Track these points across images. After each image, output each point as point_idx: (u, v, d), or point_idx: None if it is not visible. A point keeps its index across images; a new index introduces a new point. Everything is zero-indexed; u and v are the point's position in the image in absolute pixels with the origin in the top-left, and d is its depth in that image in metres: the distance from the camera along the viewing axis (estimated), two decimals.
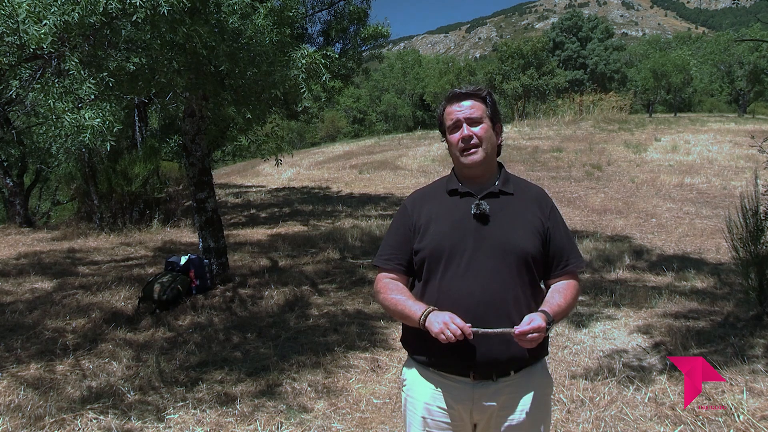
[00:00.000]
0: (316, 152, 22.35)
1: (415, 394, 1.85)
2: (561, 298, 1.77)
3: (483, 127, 1.81)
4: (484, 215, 1.77)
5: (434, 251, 1.78)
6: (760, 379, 3.56)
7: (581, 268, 1.88)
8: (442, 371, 1.79)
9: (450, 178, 1.89)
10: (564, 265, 1.83)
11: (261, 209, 11.85)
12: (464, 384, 1.76)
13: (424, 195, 1.92)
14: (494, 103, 1.86)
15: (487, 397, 1.76)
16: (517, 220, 1.79)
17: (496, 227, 1.77)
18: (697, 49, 36.77)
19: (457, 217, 1.79)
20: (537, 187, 1.93)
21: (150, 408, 3.42)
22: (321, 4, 8.05)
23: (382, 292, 1.85)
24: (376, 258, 1.93)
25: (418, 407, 1.83)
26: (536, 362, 1.81)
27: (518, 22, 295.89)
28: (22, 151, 9.83)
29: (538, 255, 1.78)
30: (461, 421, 1.80)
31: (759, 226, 4.52)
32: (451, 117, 1.82)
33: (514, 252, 1.75)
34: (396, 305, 1.79)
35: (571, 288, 1.81)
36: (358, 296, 5.67)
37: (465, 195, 1.82)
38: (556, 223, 1.84)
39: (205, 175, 6.09)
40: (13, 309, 5.22)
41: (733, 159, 14.05)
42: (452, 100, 1.84)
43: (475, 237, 1.76)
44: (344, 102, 39.38)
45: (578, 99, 25.07)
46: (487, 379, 1.75)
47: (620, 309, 5.08)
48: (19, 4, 2.99)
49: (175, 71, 4.02)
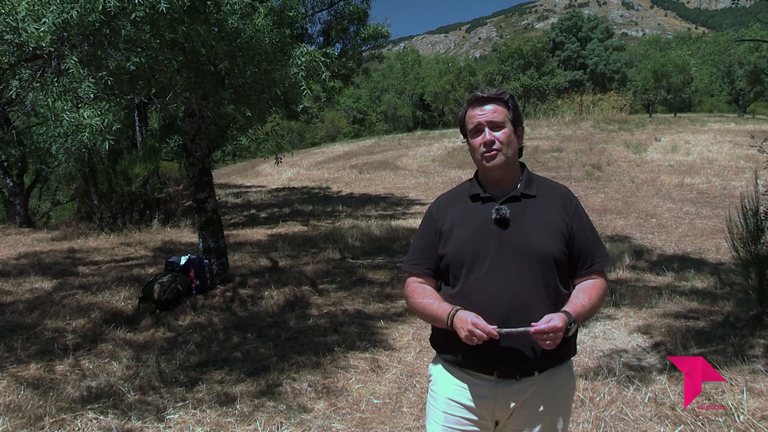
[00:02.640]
0: (316, 152, 22.35)
1: (439, 389, 1.86)
2: (585, 297, 1.77)
3: (505, 132, 1.81)
4: (504, 220, 1.77)
5: (457, 256, 1.80)
6: (760, 379, 3.55)
7: (607, 266, 1.88)
8: (467, 369, 1.80)
9: (473, 183, 1.90)
10: (590, 265, 1.83)
11: (261, 209, 11.85)
12: (488, 382, 1.78)
13: (449, 199, 1.93)
14: (516, 107, 1.86)
15: (510, 395, 1.76)
16: (539, 222, 1.79)
17: (517, 231, 1.77)
18: (697, 49, 36.77)
19: (479, 222, 1.80)
20: (561, 187, 1.92)
21: (150, 408, 3.42)
22: (321, 4, 8.05)
23: (411, 297, 1.88)
24: (405, 263, 1.96)
25: (440, 402, 1.85)
26: (561, 363, 1.81)
27: (518, 22, 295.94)
28: (22, 151, 9.83)
29: (561, 256, 1.78)
30: (482, 418, 1.81)
31: (759, 226, 4.52)
32: (473, 121, 1.82)
33: (535, 254, 1.75)
34: (425, 309, 1.82)
35: (597, 287, 1.81)
36: (358, 296, 5.66)
37: (487, 200, 1.83)
38: (580, 222, 1.84)
39: (205, 175, 6.08)
40: (13, 309, 5.22)
41: (733, 159, 14.04)
42: (474, 103, 1.84)
43: (497, 241, 1.77)
44: (344, 102, 39.41)
45: (578, 99, 25.08)
46: (510, 378, 1.76)
47: (620, 309, 5.07)
48: (19, 2, 2.99)
49: (175, 70, 4.02)
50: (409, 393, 3.65)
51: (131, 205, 9.43)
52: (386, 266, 6.73)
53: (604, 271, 1.87)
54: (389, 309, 5.25)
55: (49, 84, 3.22)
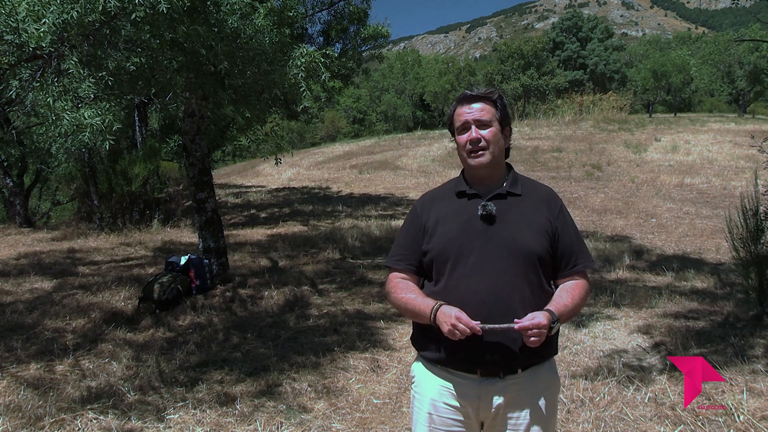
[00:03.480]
0: (316, 152, 22.35)
1: (423, 390, 1.86)
2: (568, 297, 1.78)
3: (492, 131, 1.82)
4: (491, 216, 1.78)
5: (442, 252, 1.80)
6: (760, 379, 3.55)
7: (590, 268, 1.89)
8: (449, 368, 1.80)
9: (459, 180, 1.91)
10: (573, 265, 1.83)
11: (261, 209, 11.85)
12: (471, 380, 1.77)
13: (434, 196, 1.94)
14: (504, 107, 1.88)
15: (494, 394, 1.76)
16: (525, 220, 1.80)
17: (503, 228, 1.78)
18: (697, 49, 36.75)
19: (465, 218, 1.81)
20: (546, 188, 1.94)
21: (150, 408, 3.42)
22: (321, 4, 8.03)
23: (393, 292, 1.88)
24: (388, 258, 1.97)
25: (424, 403, 1.85)
26: (544, 361, 1.82)
27: (518, 22, 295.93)
28: (22, 151, 9.84)
29: (545, 255, 1.79)
30: (467, 417, 1.81)
31: (759, 226, 4.52)
32: (461, 118, 1.84)
33: (520, 252, 1.76)
34: (407, 304, 1.82)
35: (580, 288, 1.82)
36: (358, 296, 5.66)
37: (473, 197, 1.84)
38: (564, 223, 1.85)
39: (205, 175, 6.08)
40: (13, 309, 5.22)
41: (733, 159, 14.05)
42: (463, 101, 1.86)
43: (482, 238, 1.77)
44: (344, 102, 39.41)
45: (578, 99, 25.07)
46: (494, 376, 1.76)
47: (620, 309, 5.08)
48: (19, 2, 2.99)
49: (175, 71, 4.02)
50: (409, 393, 3.64)
51: (131, 205, 9.43)
52: (386, 266, 6.72)
53: (587, 273, 1.87)
54: (389, 309, 5.25)
55: (49, 84, 3.22)
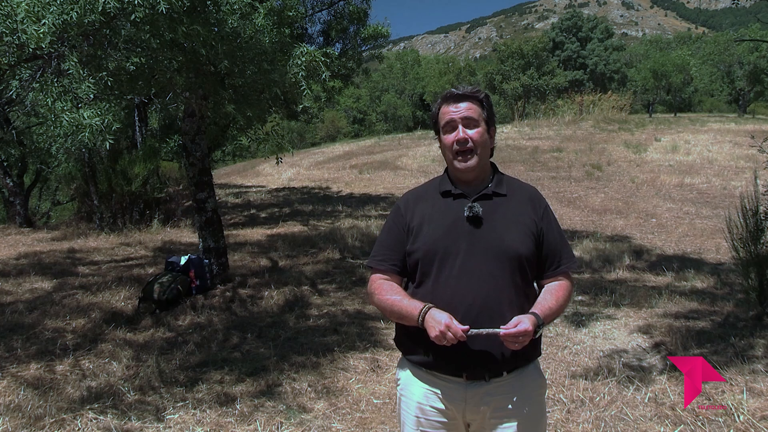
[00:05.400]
0: (316, 152, 22.35)
1: (409, 394, 1.84)
2: (552, 299, 1.77)
3: (479, 131, 1.78)
4: (477, 218, 1.76)
5: (427, 253, 1.77)
6: (760, 379, 3.55)
7: (574, 269, 1.87)
8: (435, 371, 1.78)
9: (443, 179, 1.87)
10: (557, 266, 1.82)
11: (261, 209, 11.85)
12: (457, 384, 1.76)
13: (417, 196, 1.90)
14: (491, 106, 1.84)
15: (480, 397, 1.75)
16: (510, 221, 1.78)
17: (489, 229, 1.76)
18: (697, 49, 36.79)
19: (450, 219, 1.78)
20: (530, 187, 1.91)
21: (150, 408, 3.42)
22: (321, 4, 8.04)
23: (377, 293, 1.83)
24: (370, 259, 1.91)
25: (411, 407, 1.83)
26: (528, 363, 1.81)
27: (518, 22, 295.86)
28: (22, 151, 9.84)
29: (531, 256, 1.77)
30: (454, 421, 1.79)
31: (759, 226, 4.52)
32: (447, 117, 1.79)
33: (507, 254, 1.74)
34: (392, 305, 1.77)
35: (563, 289, 1.81)
36: (358, 296, 5.66)
37: (458, 197, 1.81)
38: (549, 223, 1.84)
39: (205, 175, 6.08)
40: (13, 309, 5.22)
41: (733, 159, 14.05)
42: (449, 100, 1.81)
43: (468, 239, 1.75)
44: (344, 102, 39.42)
45: (578, 99, 25.08)
46: (479, 380, 1.74)
47: (620, 309, 5.08)
48: (18, 3, 2.99)
49: (175, 71, 4.02)
50: None
51: (131, 205, 9.43)
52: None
53: (570, 273, 1.86)
54: None
55: (49, 84, 3.22)
